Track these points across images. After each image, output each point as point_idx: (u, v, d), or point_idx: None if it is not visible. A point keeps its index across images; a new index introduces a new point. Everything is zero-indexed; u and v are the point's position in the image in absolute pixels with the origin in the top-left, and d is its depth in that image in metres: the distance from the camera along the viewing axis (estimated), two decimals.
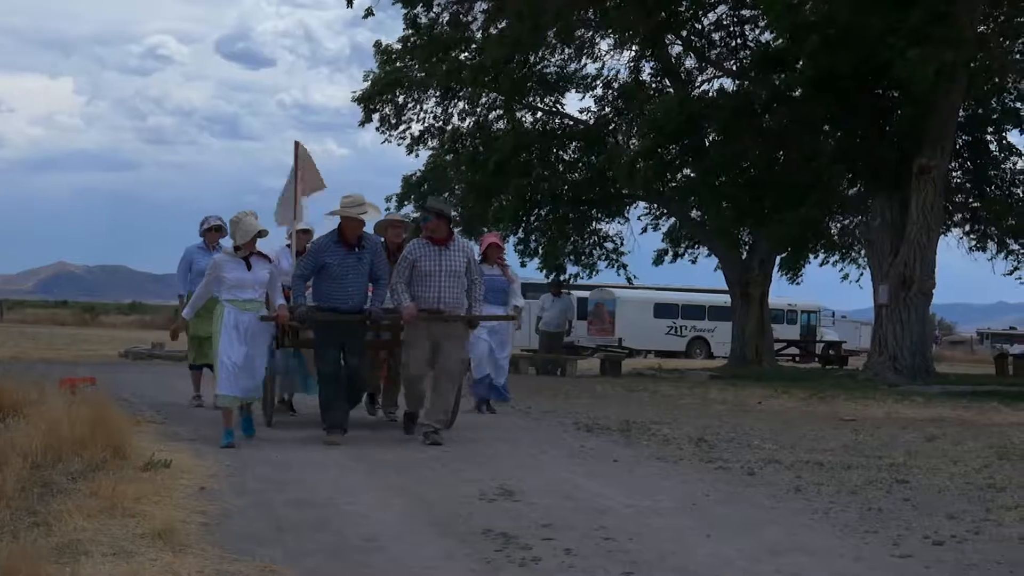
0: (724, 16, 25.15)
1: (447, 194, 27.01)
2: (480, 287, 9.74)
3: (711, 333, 39.47)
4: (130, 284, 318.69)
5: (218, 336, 8.98)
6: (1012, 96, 24.43)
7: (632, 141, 26.00)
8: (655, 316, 39.45)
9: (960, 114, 22.31)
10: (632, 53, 25.53)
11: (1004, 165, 25.59)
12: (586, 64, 26.76)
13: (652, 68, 26.03)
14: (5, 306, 61.90)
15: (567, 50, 26.14)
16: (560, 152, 27.63)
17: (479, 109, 27.29)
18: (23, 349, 22.80)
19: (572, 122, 27.40)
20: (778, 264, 27.96)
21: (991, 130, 25.29)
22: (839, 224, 28.11)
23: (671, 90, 25.20)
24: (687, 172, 25.52)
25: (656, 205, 28.21)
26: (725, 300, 30.65)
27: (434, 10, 23.71)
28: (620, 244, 28.22)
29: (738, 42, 25.46)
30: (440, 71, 24.50)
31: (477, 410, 12.19)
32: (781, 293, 33.65)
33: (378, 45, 27.55)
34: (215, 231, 11.85)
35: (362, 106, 27.59)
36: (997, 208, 25.35)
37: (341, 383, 9.36)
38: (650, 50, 24.66)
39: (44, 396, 9.33)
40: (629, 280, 29.54)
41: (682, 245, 28.99)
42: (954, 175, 25.01)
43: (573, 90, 27.15)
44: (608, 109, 27.15)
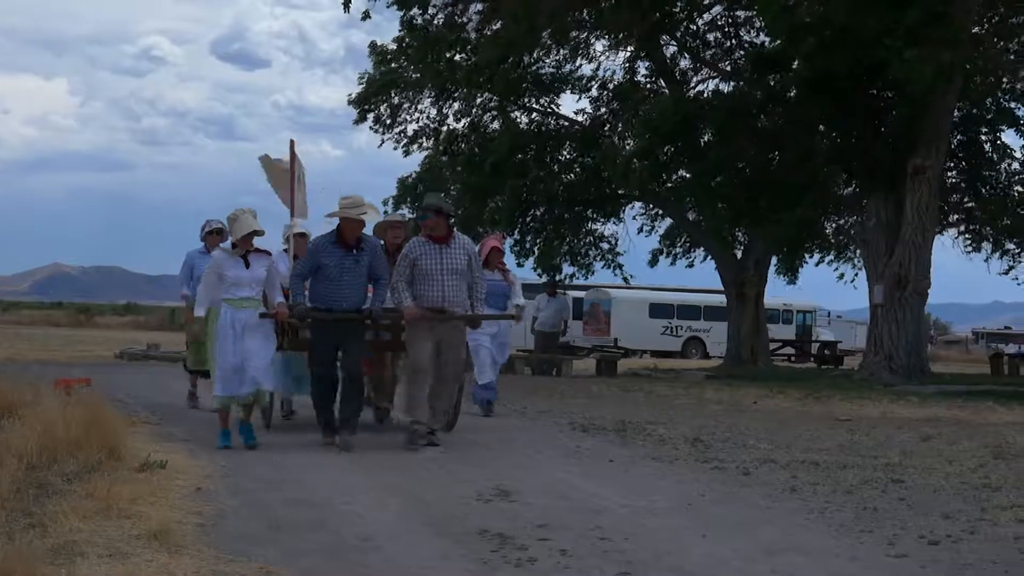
0: (719, 17, 25.16)
1: (442, 195, 26.92)
2: (482, 286, 9.60)
3: (707, 333, 39.45)
4: (125, 285, 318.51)
5: (214, 337, 8.97)
6: (1007, 96, 24.48)
7: (628, 142, 25.99)
8: (651, 316, 39.44)
9: (955, 114, 22.34)
10: (627, 54, 25.54)
11: (999, 165, 25.63)
12: (581, 65, 26.79)
13: (647, 68, 26.03)
14: (0, 307, 61.82)
15: (562, 51, 26.13)
16: (556, 153, 27.60)
17: (474, 110, 27.29)
18: (18, 350, 22.77)
19: (567, 123, 27.40)
20: (775, 266, 27.99)
21: (986, 130, 25.33)
22: (834, 224, 28.15)
23: (666, 91, 25.20)
24: (682, 173, 25.53)
25: (651, 205, 28.23)
26: (721, 300, 30.66)
27: (429, 11, 23.69)
28: (615, 245, 28.28)
29: (733, 43, 25.47)
30: (434, 72, 24.48)
31: (485, 414, 11.95)
32: (776, 293, 33.66)
33: (373, 46, 27.54)
34: (216, 234, 11.70)
35: (357, 108, 27.59)
36: (992, 208, 25.39)
37: (334, 384, 9.21)
38: (645, 51, 24.66)
39: (39, 397, 9.33)
40: (626, 280, 29.56)
41: (678, 246, 29.00)
42: (949, 175, 25.03)
43: (568, 91, 27.16)
44: (603, 110, 27.16)
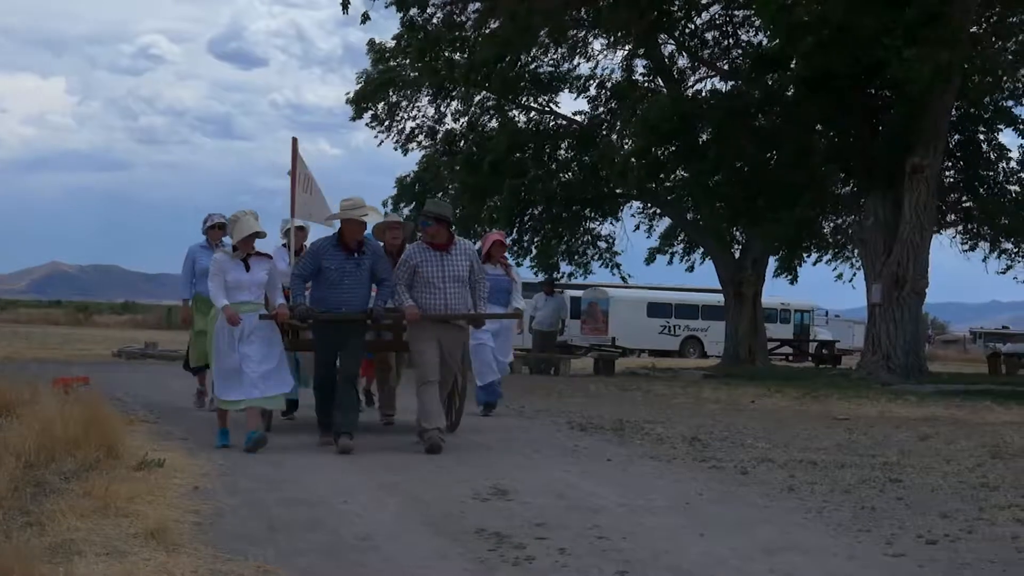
0: (717, 16, 25.17)
1: (440, 194, 26.91)
2: (484, 287, 9.52)
3: (704, 332, 39.49)
4: (123, 284, 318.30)
5: (213, 340, 8.88)
6: (1004, 95, 24.48)
7: (626, 142, 25.99)
8: (648, 315, 39.46)
9: (953, 114, 22.34)
10: (625, 52, 25.55)
11: (997, 165, 25.64)
12: (579, 64, 26.80)
13: (645, 67, 26.04)
14: None
15: (560, 50, 26.13)
16: (554, 152, 27.60)
17: (472, 109, 27.28)
18: (16, 349, 22.78)
19: (566, 122, 27.40)
20: (774, 266, 28.00)
21: (984, 130, 25.34)
22: (832, 223, 28.17)
23: (664, 90, 25.21)
24: (680, 172, 25.52)
25: (649, 204, 28.22)
26: (718, 299, 30.68)
27: (428, 10, 23.69)
28: (612, 244, 28.26)
29: (731, 42, 25.48)
30: (432, 70, 24.48)
31: (484, 414, 11.86)
32: (774, 292, 33.69)
33: (371, 43, 27.53)
34: (218, 228, 11.54)
35: (354, 106, 27.58)
36: (990, 207, 25.41)
37: (334, 386, 9.11)
38: (642, 49, 24.66)
39: (37, 396, 9.33)
40: (624, 279, 29.55)
41: (676, 244, 28.99)
42: (947, 175, 25.03)
43: (566, 90, 27.16)
44: (601, 109, 27.16)
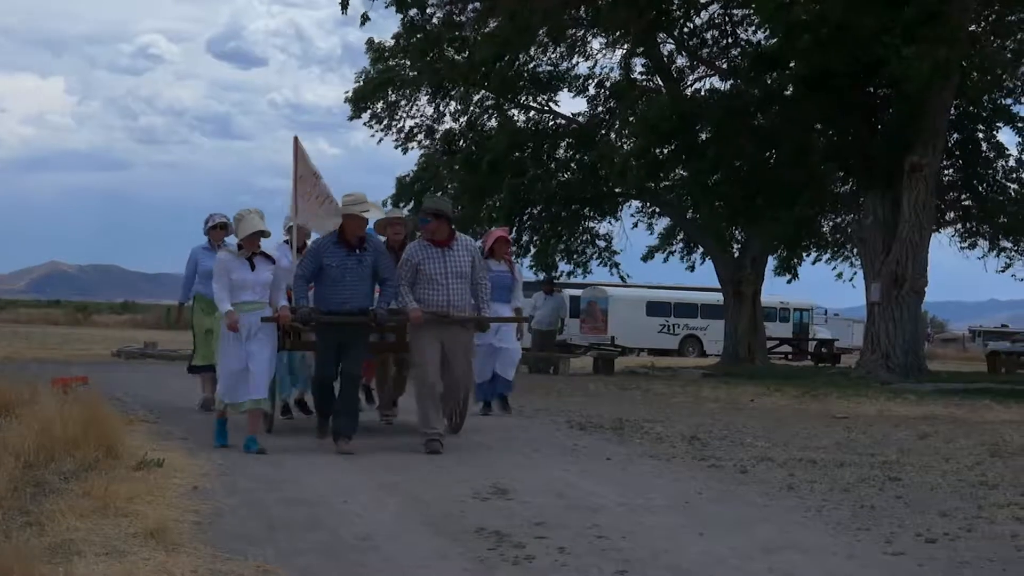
0: (715, 15, 25.16)
1: (440, 193, 26.89)
2: (487, 287, 9.40)
3: (704, 331, 39.46)
4: (123, 283, 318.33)
5: (218, 341, 8.82)
6: (1003, 93, 24.49)
7: (625, 142, 25.98)
8: (648, 314, 39.43)
9: (952, 112, 22.34)
10: (623, 51, 25.55)
11: (996, 163, 25.65)
12: (578, 63, 26.79)
13: (643, 66, 26.04)
14: None
15: (559, 49, 26.12)
16: (553, 151, 27.58)
17: (471, 108, 27.26)
18: (16, 349, 22.75)
19: (565, 121, 27.39)
20: (774, 266, 27.99)
21: (983, 128, 25.34)
22: (831, 222, 28.17)
23: (663, 89, 25.20)
24: (680, 171, 25.52)
25: (649, 204, 28.22)
26: (718, 298, 30.68)
27: (428, 10, 23.69)
28: (610, 243, 28.25)
29: (729, 41, 25.47)
30: (431, 69, 24.46)
31: (483, 413, 11.71)
32: (773, 291, 33.69)
33: (370, 43, 27.49)
34: (220, 229, 11.46)
35: (353, 105, 27.55)
36: (989, 206, 25.41)
37: (331, 388, 9.01)
38: (641, 48, 24.65)
39: (37, 396, 9.31)
40: (622, 279, 29.52)
41: (675, 243, 28.98)
42: (946, 173, 25.04)
43: (565, 89, 27.15)
44: (601, 108, 27.15)
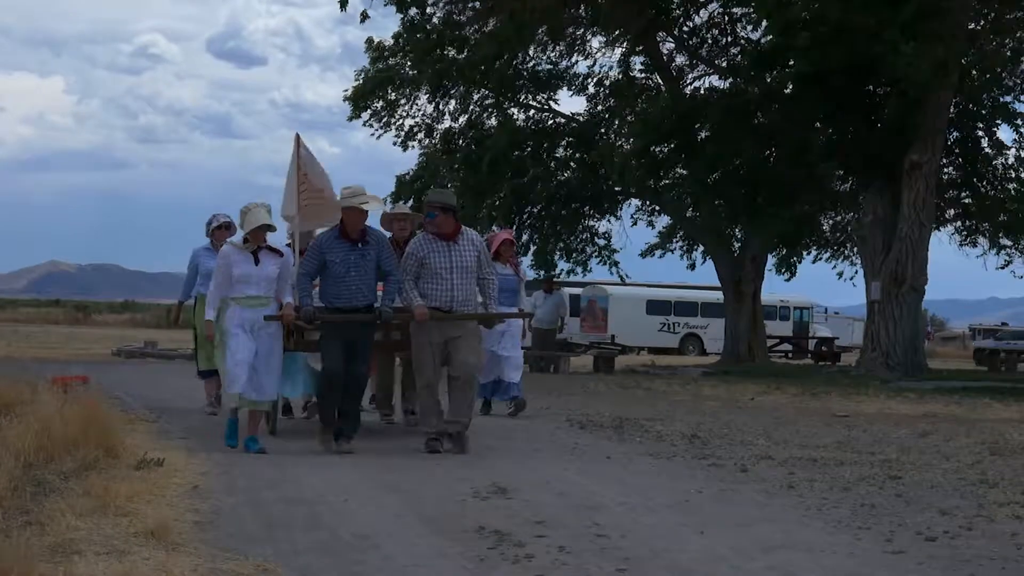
0: (715, 13, 25.17)
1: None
2: (494, 283, 9.22)
3: (704, 330, 39.47)
4: (123, 283, 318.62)
5: (223, 336, 8.57)
6: (1002, 91, 24.48)
7: (623, 142, 25.97)
8: (648, 313, 39.43)
9: (951, 110, 22.35)
10: (623, 50, 25.56)
11: (995, 161, 25.65)
12: (577, 61, 26.80)
13: (643, 64, 26.04)
14: None
15: (558, 47, 26.13)
16: (552, 150, 27.58)
17: (471, 107, 27.26)
18: (16, 348, 22.74)
19: (564, 120, 27.39)
20: (773, 264, 28.00)
21: (982, 126, 25.35)
22: (831, 221, 28.18)
23: (662, 87, 25.21)
24: (679, 170, 25.53)
25: (648, 202, 28.21)
26: (718, 297, 30.68)
27: (428, 9, 23.70)
28: (609, 241, 28.24)
29: (729, 39, 25.48)
30: (432, 68, 24.46)
31: (482, 412, 11.57)
32: (773, 289, 33.69)
33: (370, 42, 27.48)
34: (223, 229, 11.15)
35: (353, 104, 27.53)
36: (988, 204, 25.42)
37: (340, 386, 8.79)
38: (641, 47, 24.66)
39: (36, 395, 9.31)
40: (621, 279, 29.48)
41: (675, 242, 28.98)
42: (946, 171, 25.05)
43: (565, 88, 27.14)
44: (600, 107, 27.14)
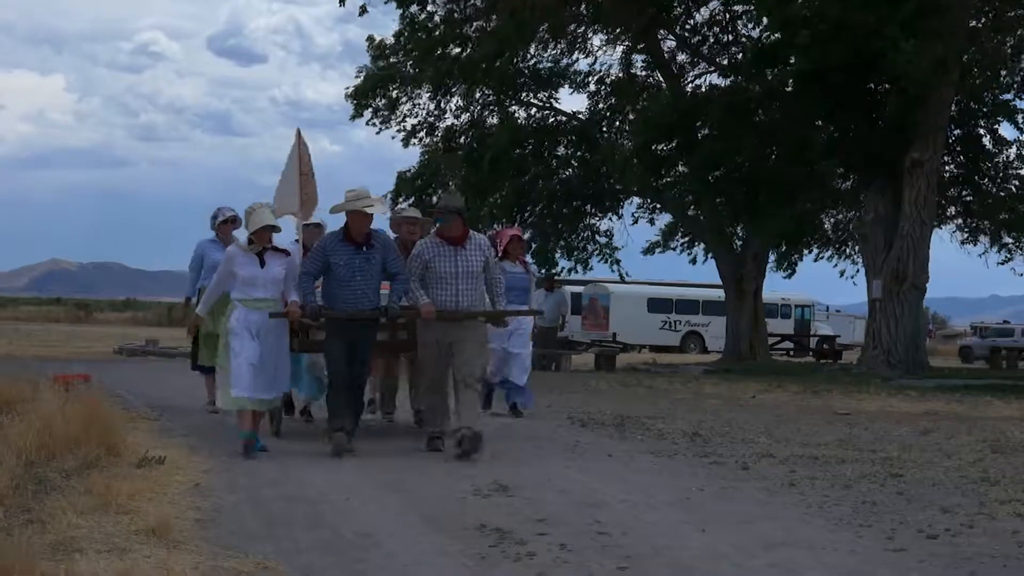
0: (716, 11, 25.17)
1: (440, 191, 26.83)
2: (501, 283, 9.13)
3: (705, 328, 39.44)
4: (124, 281, 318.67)
5: (227, 337, 8.52)
6: (1003, 89, 24.47)
7: (626, 141, 25.97)
8: (649, 311, 39.41)
9: (952, 108, 22.35)
10: (624, 48, 25.56)
11: (997, 159, 25.63)
12: (578, 59, 26.79)
13: (644, 61, 26.03)
14: None
15: (559, 45, 26.12)
16: (554, 148, 27.57)
17: (473, 106, 27.26)
18: (17, 346, 22.75)
19: (566, 118, 27.39)
20: (773, 262, 27.98)
21: (983, 124, 25.34)
22: (832, 219, 28.16)
23: (663, 85, 25.21)
24: (681, 168, 25.52)
25: (649, 200, 28.20)
26: (719, 295, 30.67)
27: (429, 7, 23.70)
28: (610, 239, 28.24)
29: (730, 37, 25.47)
30: (433, 67, 24.47)
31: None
32: (775, 288, 33.69)
33: (371, 40, 27.49)
34: (229, 223, 11.08)
35: (354, 102, 27.53)
36: (990, 202, 25.40)
37: (345, 386, 8.77)
38: (642, 44, 24.65)
39: (38, 393, 9.31)
40: (622, 277, 29.46)
41: (676, 240, 28.98)
42: (947, 169, 25.04)
43: (566, 86, 27.14)
44: (601, 105, 27.14)
